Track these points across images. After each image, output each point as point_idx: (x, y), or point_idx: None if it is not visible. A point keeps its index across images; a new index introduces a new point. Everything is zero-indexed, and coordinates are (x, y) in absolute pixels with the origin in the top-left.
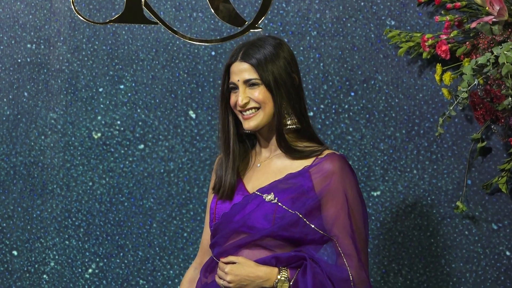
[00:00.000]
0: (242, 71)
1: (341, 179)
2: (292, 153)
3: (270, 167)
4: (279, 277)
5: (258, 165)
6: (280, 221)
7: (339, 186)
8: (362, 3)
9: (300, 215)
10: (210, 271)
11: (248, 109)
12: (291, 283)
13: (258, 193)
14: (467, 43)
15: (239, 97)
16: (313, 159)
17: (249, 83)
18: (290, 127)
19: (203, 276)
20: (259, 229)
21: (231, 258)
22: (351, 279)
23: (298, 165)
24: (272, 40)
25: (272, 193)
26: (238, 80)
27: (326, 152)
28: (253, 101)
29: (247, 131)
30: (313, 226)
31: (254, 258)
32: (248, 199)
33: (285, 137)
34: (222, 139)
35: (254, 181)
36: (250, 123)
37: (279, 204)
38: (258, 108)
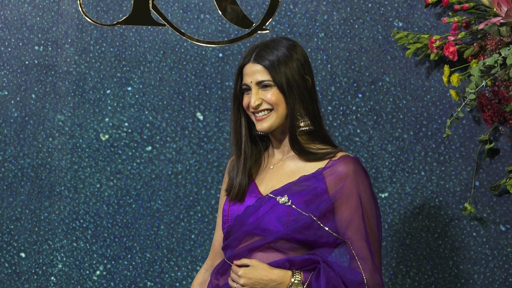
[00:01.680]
0: (255, 72)
1: (355, 182)
2: (306, 155)
3: (283, 169)
4: (292, 280)
5: (271, 167)
6: (294, 224)
7: (353, 189)
8: (370, 5)
9: (314, 218)
10: (221, 274)
11: (261, 111)
12: (304, 286)
13: (271, 195)
14: (475, 44)
15: (252, 99)
16: (326, 161)
17: (261, 85)
18: (303, 128)
19: (214, 279)
20: (272, 231)
21: (244, 261)
22: (365, 282)
23: (311, 167)
24: (285, 41)
25: (286, 195)
26: (251, 82)
27: (340, 154)
28: (265, 103)
29: (260, 133)
30: (327, 228)
31: (267, 261)
32: (262, 201)
33: (298, 139)
34: (234, 140)
35: (267, 183)
36: (263, 124)
37: (293, 206)
38: (270, 110)
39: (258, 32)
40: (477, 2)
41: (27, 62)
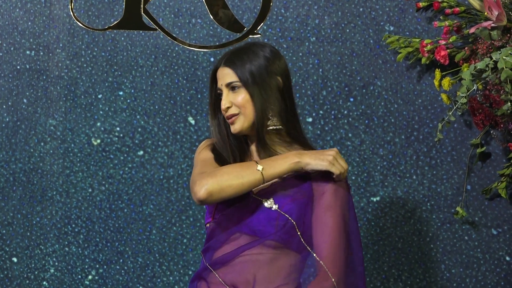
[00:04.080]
0: (224, 75)
1: (335, 186)
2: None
3: None
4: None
5: None
6: (283, 228)
7: (333, 191)
8: (361, 9)
9: (297, 229)
10: (204, 279)
11: (231, 115)
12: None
13: (257, 196)
14: (466, 48)
15: (222, 101)
16: None
17: (230, 87)
18: (270, 128)
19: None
20: (263, 232)
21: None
22: None
23: None
24: (256, 43)
25: (272, 199)
26: (221, 84)
27: None
28: (234, 107)
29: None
30: (303, 240)
31: (257, 261)
32: (248, 202)
33: (265, 139)
34: (221, 144)
35: None
36: (235, 126)
37: (280, 211)
38: (238, 113)
39: (250, 36)
40: (468, 6)
41: (18, 67)
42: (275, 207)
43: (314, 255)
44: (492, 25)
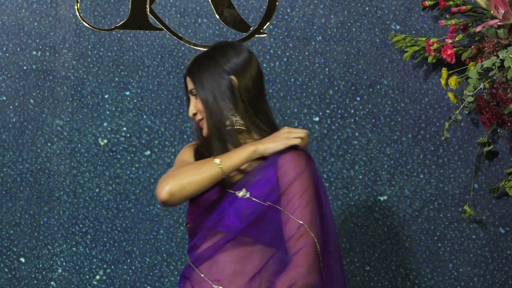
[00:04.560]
0: (188, 83)
1: (295, 158)
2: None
3: None
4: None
5: None
6: (250, 217)
7: (295, 164)
8: (367, 8)
9: (272, 204)
10: (187, 278)
11: (198, 119)
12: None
13: (230, 190)
14: (473, 47)
15: (189, 108)
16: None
17: (192, 94)
18: (236, 127)
19: (182, 284)
20: (232, 227)
21: None
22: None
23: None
24: (220, 44)
25: (244, 188)
26: (189, 91)
27: None
28: (199, 112)
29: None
30: (281, 208)
31: (234, 256)
32: (222, 197)
33: (213, 139)
34: (205, 143)
35: (227, 178)
36: (203, 131)
37: (252, 199)
38: (203, 118)
39: (256, 36)
40: (475, 5)
41: (25, 67)
42: (247, 195)
43: (292, 216)
44: (499, 23)
